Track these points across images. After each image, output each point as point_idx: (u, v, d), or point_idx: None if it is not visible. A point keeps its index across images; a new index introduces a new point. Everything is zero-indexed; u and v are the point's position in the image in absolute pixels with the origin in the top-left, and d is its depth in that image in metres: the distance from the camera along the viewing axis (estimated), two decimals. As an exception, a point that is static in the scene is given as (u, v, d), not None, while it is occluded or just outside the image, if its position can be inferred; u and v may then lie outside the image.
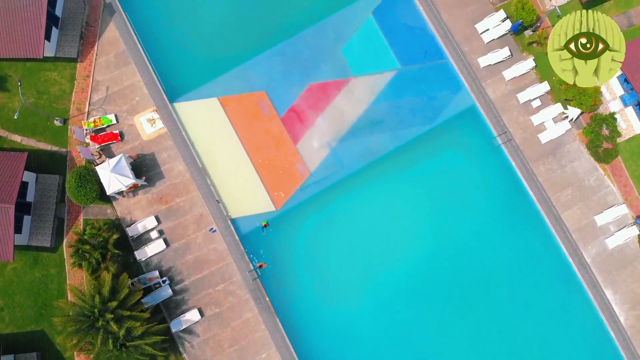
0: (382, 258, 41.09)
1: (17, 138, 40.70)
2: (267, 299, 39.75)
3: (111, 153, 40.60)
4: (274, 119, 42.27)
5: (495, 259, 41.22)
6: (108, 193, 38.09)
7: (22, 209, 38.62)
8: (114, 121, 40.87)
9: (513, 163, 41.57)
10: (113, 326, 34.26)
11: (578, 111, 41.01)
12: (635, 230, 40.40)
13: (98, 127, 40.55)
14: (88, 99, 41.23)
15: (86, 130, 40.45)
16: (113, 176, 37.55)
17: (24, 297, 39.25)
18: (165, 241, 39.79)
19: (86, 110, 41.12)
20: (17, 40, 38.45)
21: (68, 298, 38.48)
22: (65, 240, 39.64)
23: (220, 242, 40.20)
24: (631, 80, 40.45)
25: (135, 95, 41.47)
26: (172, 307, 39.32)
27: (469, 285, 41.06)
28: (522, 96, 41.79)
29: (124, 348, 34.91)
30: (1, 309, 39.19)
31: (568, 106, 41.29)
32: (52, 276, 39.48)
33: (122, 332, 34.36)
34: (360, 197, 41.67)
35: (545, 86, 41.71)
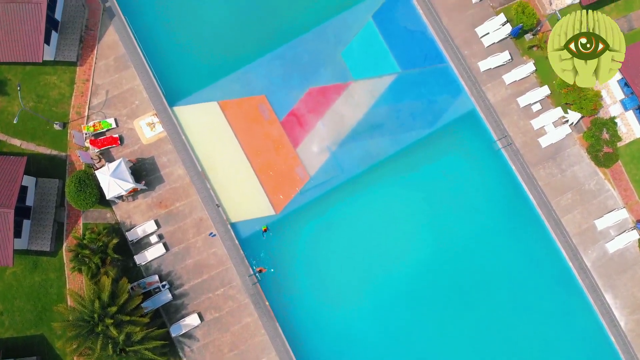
0: (382, 262, 41.03)
1: (17, 142, 40.65)
2: (267, 304, 39.71)
3: (111, 157, 40.54)
4: (274, 123, 42.21)
5: (495, 263, 41.18)
6: (108, 197, 38.07)
7: (22, 213, 38.56)
8: (114, 125, 40.80)
9: (513, 167, 41.52)
10: (113, 331, 34.25)
11: (578, 115, 40.94)
12: (635, 234, 40.37)
13: (98, 131, 40.48)
14: (88, 103, 41.17)
15: (86, 134, 40.39)
16: (113, 180, 37.51)
17: (24, 302, 39.21)
18: (164, 245, 39.74)
19: (86, 114, 41.06)
20: (17, 44, 38.36)
21: (68, 303, 38.44)
22: (64, 244, 39.59)
23: (219, 247, 40.16)
24: (631, 84, 40.40)
25: (134, 99, 41.41)
26: (172, 312, 39.28)
27: (469, 289, 41.01)
28: (522, 100, 41.73)
29: (124, 353, 34.88)
30: (1, 313, 39.13)
31: (568, 110, 41.21)
32: (52, 280, 39.44)
33: (122, 337, 34.32)
34: (360, 201, 41.60)
35: (545, 90, 41.64)
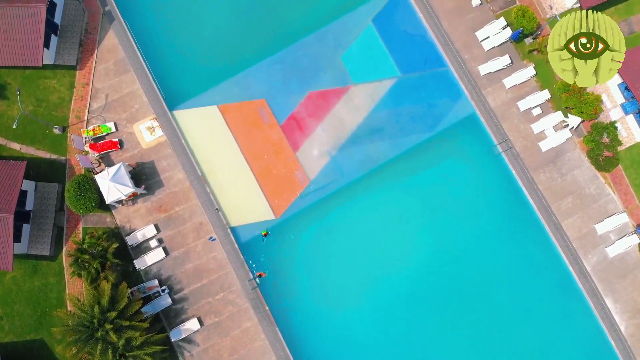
0: (383, 266, 41.00)
1: (16, 146, 40.61)
2: (267, 308, 39.66)
3: (110, 161, 40.50)
4: (274, 127, 42.15)
5: (495, 267, 41.13)
6: (107, 202, 38.04)
7: (21, 218, 38.54)
8: (113, 129, 40.77)
9: (513, 171, 41.45)
10: (112, 336, 34.26)
11: (579, 119, 40.87)
12: (635, 238, 40.27)
13: (97, 135, 40.45)
14: (87, 107, 41.12)
15: (85, 138, 40.34)
16: (112, 185, 37.49)
17: (24, 306, 39.21)
18: (164, 250, 39.71)
19: (85, 118, 41.01)
20: (16, 48, 38.39)
21: (67, 307, 38.41)
22: (64, 249, 39.56)
23: (219, 251, 40.11)
24: (632, 88, 40.34)
25: (134, 103, 41.36)
26: (172, 316, 39.24)
27: (469, 293, 40.98)
28: (523, 104, 41.66)
29: (124, 358, 34.89)
30: (0, 318, 39.13)
31: (569, 114, 41.14)
32: (52, 285, 39.42)
33: (122, 342, 34.32)
34: (360, 205, 41.57)
35: (545, 94, 41.57)
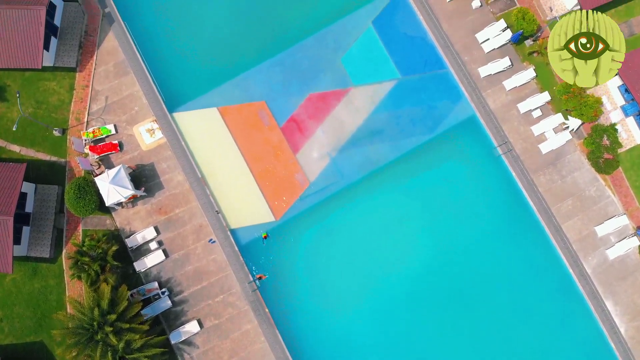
0: (383, 268, 40.97)
1: (16, 148, 40.58)
2: (267, 310, 39.64)
3: (110, 163, 40.47)
4: (274, 129, 42.13)
5: (495, 269, 41.12)
6: (107, 204, 38.04)
7: (21, 220, 38.50)
8: (113, 131, 40.75)
9: (513, 173, 41.42)
10: (112, 339, 34.21)
11: (579, 122, 40.85)
12: (636, 241, 40.26)
13: (97, 138, 40.43)
14: (87, 109, 41.09)
15: (85, 140, 40.32)
16: (112, 187, 37.48)
17: (23, 308, 39.18)
18: (164, 252, 39.69)
19: (85, 120, 40.98)
20: (16, 50, 38.37)
21: (67, 310, 38.38)
22: (64, 251, 39.53)
23: (219, 253, 40.09)
24: (632, 90, 40.33)
25: (134, 105, 41.33)
26: (172, 319, 39.22)
27: (469, 294, 40.97)
28: (523, 106, 41.64)
29: (123, 361, 34.94)
30: (0, 320, 39.10)
31: (569, 116, 41.11)
32: (51, 287, 39.39)
33: (122, 345, 34.29)
34: (360, 207, 41.54)
35: (545, 96, 41.56)
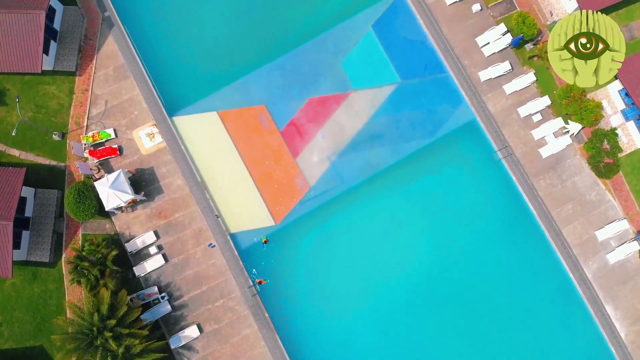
0: (383, 273, 40.91)
1: (16, 152, 40.53)
2: (267, 315, 39.59)
3: (110, 167, 40.41)
4: (274, 133, 42.07)
5: (495, 274, 41.07)
6: (107, 209, 37.95)
7: (21, 224, 38.46)
8: (113, 135, 40.68)
9: (513, 177, 41.37)
10: (112, 344, 34.19)
11: (579, 126, 40.78)
12: (636, 245, 40.22)
13: (97, 142, 40.36)
14: (87, 113, 41.03)
15: (85, 144, 40.25)
16: (112, 192, 37.40)
17: (23, 313, 39.14)
18: (164, 256, 39.64)
19: (85, 124, 40.92)
20: (15, 54, 38.30)
21: (67, 315, 38.34)
22: (63, 255, 39.48)
23: (219, 258, 40.04)
24: (632, 94, 40.30)
25: (134, 109, 41.27)
26: (171, 323, 39.17)
27: (469, 299, 40.90)
28: (523, 110, 41.58)
29: (123, 366, 34.88)
30: (0, 324, 39.07)
31: (569, 121, 41.07)
32: (51, 292, 39.35)
33: (121, 350, 34.27)
34: (360, 211, 41.47)
35: (546, 100, 41.49)
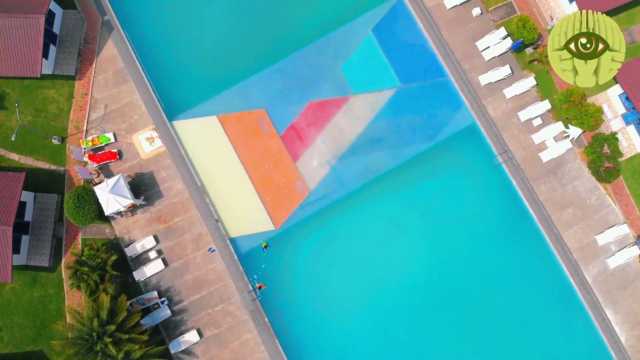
0: (383, 277, 40.86)
1: (15, 157, 40.45)
2: (267, 320, 39.53)
3: (109, 172, 40.36)
4: (274, 137, 42.01)
5: (495, 278, 41.04)
6: (106, 213, 37.89)
7: (20, 229, 38.37)
8: (113, 140, 40.61)
9: (514, 182, 41.32)
10: (112, 349, 34.16)
11: (579, 130, 40.73)
12: (636, 250, 40.17)
13: (96, 146, 40.29)
14: (86, 117, 40.96)
15: (84, 149, 40.19)
16: (111, 197, 37.35)
17: (23, 317, 39.08)
18: (164, 261, 39.60)
19: (84, 128, 40.85)
20: (15, 58, 38.21)
21: (67, 320, 38.29)
22: (63, 260, 39.42)
23: (219, 262, 39.99)
24: (632, 98, 40.24)
25: (133, 113, 41.20)
26: (171, 328, 39.12)
27: (469, 303, 40.87)
28: (523, 114, 41.52)
29: (123, 371, 34.84)
30: (0, 329, 39.02)
31: (569, 125, 41.00)
32: (51, 296, 39.30)
33: (121, 356, 34.22)
34: (360, 216, 41.44)
35: (546, 104, 41.44)
